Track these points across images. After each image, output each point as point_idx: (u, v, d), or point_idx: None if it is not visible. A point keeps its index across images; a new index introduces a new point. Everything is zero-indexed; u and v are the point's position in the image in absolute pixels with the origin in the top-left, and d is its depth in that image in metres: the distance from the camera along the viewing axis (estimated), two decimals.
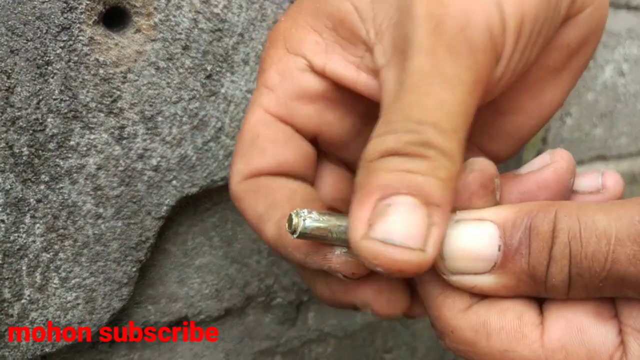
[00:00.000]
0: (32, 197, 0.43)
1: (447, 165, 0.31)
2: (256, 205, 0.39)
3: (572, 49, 0.39)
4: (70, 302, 0.46)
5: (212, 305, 0.54)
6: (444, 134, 0.31)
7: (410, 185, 0.30)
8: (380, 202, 0.30)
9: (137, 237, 0.47)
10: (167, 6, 0.44)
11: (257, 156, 0.40)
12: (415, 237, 0.30)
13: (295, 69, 0.40)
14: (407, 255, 0.30)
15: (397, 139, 0.31)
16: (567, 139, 0.96)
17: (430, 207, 0.30)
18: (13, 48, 0.40)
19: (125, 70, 0.44)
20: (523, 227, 0.32)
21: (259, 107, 0.40)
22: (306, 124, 0.41)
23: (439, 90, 0.32)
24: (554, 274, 0.31)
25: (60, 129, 0.43)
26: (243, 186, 0.40)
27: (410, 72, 0.32)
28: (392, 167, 0.31)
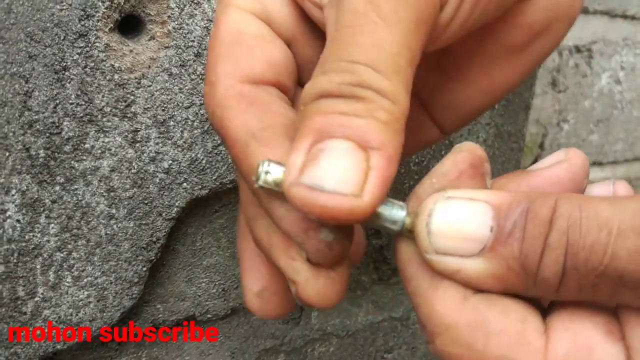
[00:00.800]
0: (48, 197, 0.44)
1: (386, 107, 0.29)
2: (249, 120, 0.33)
3: (533, 31, 0.37)
4: (82, 301, 0.48)
5: (219, 304, 0.56)
6: (382, 74, 0.29)
7: (345, 128, 0.28)
8: (313, 146, 0.28)
9: (148, 237, 0.49)
10: (180, 15, 0.45)
11: (247, 54, 0.35)
12: (348, 182, 0.27)
13: None
14: (339, 201, 0.27)
15: (329, 79, 0.29)
16: (564, 145, 0.97)
17: (368, 150, 0.28)
18: (32, 54, 0.41)
19: (139, 76, 0.45)
20: (520, 210, 0.29)
21: (233, 7, 0.36)
22: (282, 27, 0.37)
23: (374, 29, 0.29)
24: (547, 264, 0.28)
25: (76, 132, 0.44)
26: (235, 92, 0.34)
27: (345, 10, 0.30)
28: (326, 109, 0.29)
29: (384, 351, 0.69)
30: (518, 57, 0.38)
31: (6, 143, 0.42)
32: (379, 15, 0.29)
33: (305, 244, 0.31)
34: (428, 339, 0.31)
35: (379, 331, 0.68)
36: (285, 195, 0.28)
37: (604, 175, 1.06)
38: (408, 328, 0.70)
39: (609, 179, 0.35)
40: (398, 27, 0.30)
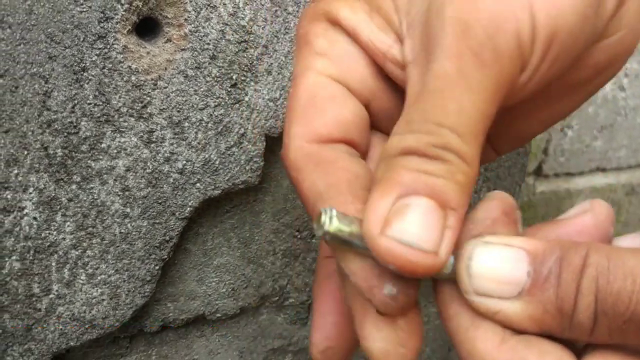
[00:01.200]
0: (64, 196, 0.45)
1: (465, 170, 0.31)
2: (316, 181, 0.35)
3: (597, 70, 0.39)
4: (95, 298, 0.48)
5: (229, 303, 0.56)
6: (463, 138, 0.31)
7: (429, 187, 0.30)
8: (398, 200, 0.30)
9: (161, 236, 0.49)
10: (197, 18, 0.46)
11: (317, 116, 0.37)
12: (430, 240, 0.30)
13: (342, 35, 0.38)
14: (421, 258, 0.30)
15: (417, 139, 0.31)
16: (567, 150, 0.98)
17: (447, 210, 0.30)
18: (52, 54, 0.42)
19: (155, 78, 0.46)
20: (554, 257, 0.31)
21: (312, 71, 0.38)
22: (361, 87, 0.39)
23: (461, 96, 0.32)
24: (581, 308, 0.30)
25: (93, 132, 0.45)
26: (304, 152, 0.36)
27: (435, 74, 0.32)
28: (412, 166, 0.31)
29: None
30: (580, 90, 0.40)
31: (25, 142, 0.43)
32: (466, 82, 0.31)
33: (373, 300, 0.33)
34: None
35: None
36: (369, 243, 0.30)
37: (607, 181, 1.06)
38: None
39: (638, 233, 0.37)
40: (482, 96, 0.32)
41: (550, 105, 0.41)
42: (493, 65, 0.32)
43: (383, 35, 0.37)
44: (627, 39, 0.38)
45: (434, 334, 0.72)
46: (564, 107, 0.41)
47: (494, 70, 0.32)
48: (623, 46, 0.38)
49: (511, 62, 0.32)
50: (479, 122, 0.32)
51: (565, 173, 1.00)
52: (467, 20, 0.32)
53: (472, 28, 0.32)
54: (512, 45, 0.32)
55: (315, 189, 0.35)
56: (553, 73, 0.35)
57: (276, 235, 0.57)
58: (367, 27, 0.38)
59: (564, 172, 0.99)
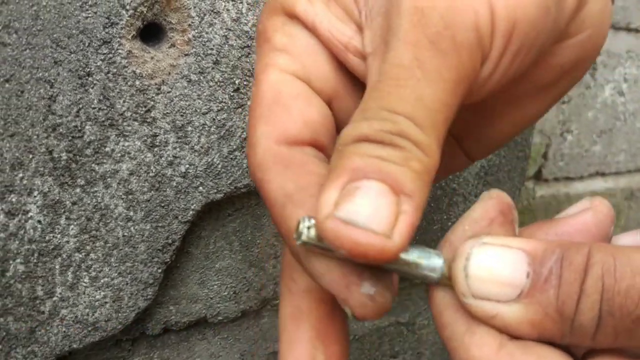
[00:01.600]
0: (68, 199, 0.45)
1: (421, 158, 0.30)
2: (284, 182, 0.34)
3: (564, 70, 0.39)
4: (98, 301, 0.49)
5: (230, 307, 0.57)
6: (420, 127, 0.30)
7: (381, 171, 0.29)
8: (348, 184, 0.29)
9: (164, 239, 0.50)
10: (200, 23, 0.47)
11: (284, 115, 0.36)
12: (381, 221, 0.28)
13: (301, 29, 0.38)
14: (371, 239, 0.28)
15: (370, 126, 0.30)
16: (567, 155, 0.98)
17: (400, 195, 0.29)
18: (57, 59, 0.43)
19: (159, 83, 0.46)
20: (555, 257, 0.30)
21: (273, 67, 0.37)
22: (322, 85, 0.38)
23: (417, 84, 0.31)
24: (584, 310, 0.29)
25: (97, 136, 0.45)
26: (271, 153, 0.35)
27: (390, 62, 0.32)
28: (364, 152, 0.30)
29: (390, 356, 0.70)
30: (547, 92, 0.40)
31: (30, 145, 0.43)
32: (423, 71, 0.31)
33: (349, 300, 0.31)
34: None
35: (385, 336, 0.69)
36: (318, 228, 0.29)
37: (607, 186, 1.07)
38: (414, 333, 0.71)
39: (637, 231, 0.36)
40: (440, 85, 0.31)
41: (518, 107, 0.40)
42: (452, 55, 0.31)
43: (343, 26, 0.37)
44: (591, 39, 0.38)
45: (434, 337, 0.73)
46: (532, 110, 0.41)
47: (453, 61, 0.31)
48: (587, 47, 0.38)
49: (471, 53, 0.32)
50: (437, 112, 0.31)
51: (565, 177, 1.00)
52: (423, 9, 0.31)
53: (428, 17, 0.31)
54: (471, 36, 0.32)
55: (284, 191, 0.34)
56: (516, 67, 0.35)
57: (278, 239, 0.57)
58: (326, 18, 0.37)
59: (563, 177, 1.00)
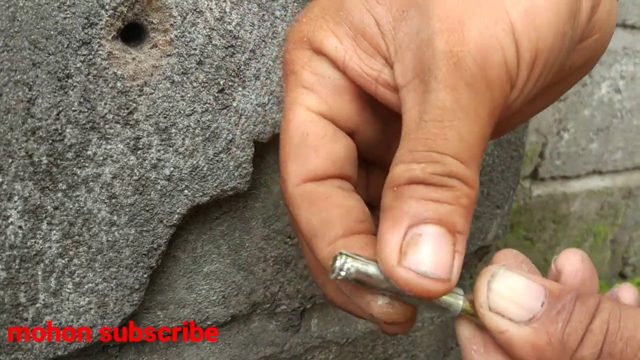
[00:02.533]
0: (50, 204, 0.44)
1: (468, 193, 0.34)
2: (310, 218, 0.39)
3: (572, 70, 0.41)
4: (83, 307, 0.48)
5: (219, 311, 0.56)
6: (465, 164, 0.34)
7: (438, 214, 0.33)
8: (410, 229, 0.33)
9: (149, 244, 0.49)
10: (182, 23, 0.46)
11: (312, 155, 0.40)
12: (444, 268, 0.33)
13: (327, 67, 0.40)
14: (436, 286, 0.33)
15: (422, 169, 0.34)
16: (563, 154, 0.98)
17: (455, 235, 0.33)
18: (35, 61, 0.42)
19: (141, 84, 0.45)
20: (570, 297, 0.33)
21: (300, 106, 0.40)
22: (346, 120, 0.41)
23: (459, 125, 0.34)
24: (587, 345, 0.32)
25: (78, 139, 0.44)
26: (300, 191, 0.40)
27: (433, 105, 0.34)
28: (420, 195, 0.34)
29: (384, 359, 0.69)
30: (555, 89, 0.43)
31: (9, 150, 0.42)
32: (462, 112, 0.34)
33: (374, 314, 0.36)
34: None
35: (379, 339, 0.68)
36: (387, 274, 0.33)
37: (603, 184, 1.06)
38: (407, 335, 0.70)
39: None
40: (478, 122, 0.35)
41: (527, 104, 0.42)
42: (486, 93, 0.34)
43: (372, 61, 0.39)
44: (600, 40, 0.41)
45: (429, 339, 0.72)
46: (539, 104, 0.44)
47: (487, 97, 0.34)
48: (597, 47, 0.41)
49: (502, 87, 0.35)
50: (477, 146, 0.35)
51: (562, 176, 0.99)
52: (458, 52, 0.34)
53: (463, 60, 0.34)
54: (502, 72, 0.35)
55: (310, 225, 0.38)
56: (539, 87, 0.38)
57: (267, 242, 0.57)
58: (355, 54, 0.39)
59: (560, 176, 0.99)
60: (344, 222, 0.38)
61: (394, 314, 0.36)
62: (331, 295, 0.41)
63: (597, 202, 1.06)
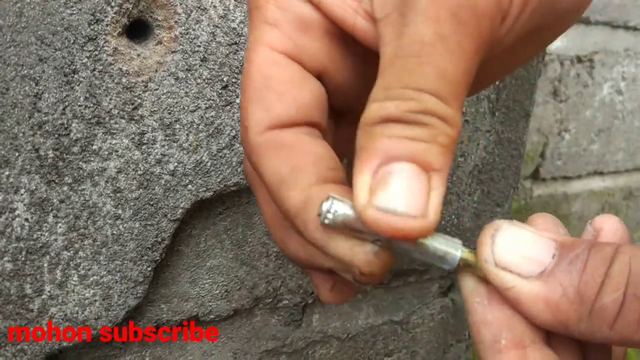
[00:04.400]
0: (56, 197, 0.45)
1: (447, 131, 0.31)
2: (278, 166, 0.35)
3: (558, 16, 0.38)
4: (88, 299, 0.49)
5: (222, 305, 0.57)
6: (445, 101, 0.31)
7: (411, 152, 0.30)
8: (381, 167, 0.30)
9: (153, 238, 0.50)
10: (187, 20, 0.46)
11: (276, 101, 0.36)
12: (417, 205, 0.30)
13: (296, 1, 0.37)
14: (410, 223, 0.30)
15: (397, 106, 0.31)
16: (564, 154, 0.98)
17: (430, 172, 0.31)
18: (42, 57, 0.42)
19: (146, 80, 0.46)
20: (584, 246, 0.30)
21: (263, 45, 0.37)
22: (314, 61, 0.38)
23: (440, 59, 0.31)
24: (607, 291, 0.29)
25: (84, 134, 0.45)
26: (263, 139, 0.36)
27: (411, 38, 0.31)
28: (393, 133, 0.31)
29: (384, 354, 0.70)
30: (539, 38, 0.40)
31: (16, 143, 0.43)
32: (444, 46, 0.31)
33: (353, 260, 0.33)
34: None
35: (379, 334, 0.69)
36: (358, 216, 0.31)
37: (604, 185, 1.06)
38: (408, 332, 0.71)
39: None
40: (461, 57, 0.31)
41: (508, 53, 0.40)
42: (472, 25, 0.31)
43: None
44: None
45: (429, 336, 0.72)
46: (522, 54, 0.41)
47: (474, 30, 0.31)
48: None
49: (491, 19, 0.32)
50: (459, 83, 0.32)
51: (563, 177, 1.00)
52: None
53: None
54: (491, 3, 0.32)
55: (278, 173, 0.35)
56: (533, 23, 0.35)
57: (269, 237, 0.57)
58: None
59: (561, 176, 1.00)
60: (316, 168, 0.35)
61: (376, 263, 0.33)
62: (293, 251, 0.38)
63: (598, 202, 1.07)
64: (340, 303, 0.39)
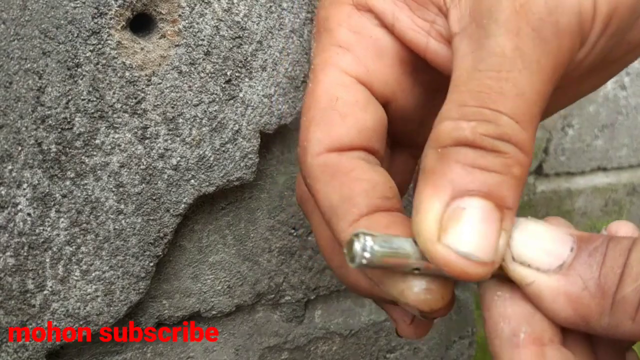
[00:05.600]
0: (58, 192, 0.45)
1: (522, 161, 0.30)
2: (330, 193, 0.34)
3: (630, 47, 0.37)
4: (90, 294, 0.48)
5: (224, 301, 0.56)
6: (521, 125, 0.30)
7: (486, 186, 0.29)
8: (453, 201, 0.29)
9: (155, 233, 0.49)
10: (191, 14, 0.46)
11: (338, 122, 0.35)
12: (487, 250, 0.29)
13: (370, 25, 0.36)
14: (479, 269, 0.29)
15: (472, 129, 0.29)
16: (568, 150, 0.98)
17: (503, 210, 0.29)
18: (45, 50, 0.42)
19: (149, 74, 0.46)
20: (601, 240, 0.30)
21: (334, 68, 0.36)
22: (383, 87, 0.37)
23: (518, 77, 0.30)
24: (627, 282, 0.28)
25: (87, 128, 0.45)
26: (320, 162, 0.35)
27: (490, 51, 0.30)
28: (467, 160, 0.29)
29: (387, 351, 0.69)
30: (611, 67, 0.39)
31: (19, 137, 0.43)
32: (523, 62, 0.30)
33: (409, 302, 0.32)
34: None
35: (382, 331, 0.69)
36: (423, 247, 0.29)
37: (608, 180, 1.06)
38: None
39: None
40: (539, 76, 0.30)
41: (581, 82, 0.39)
42: (552, 42, 0.30)
43: (424, 11, 0.35)
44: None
45: (431, 332, 0.72)
46: (591, 84, 0.40)
47: (554, 48, 0.30)
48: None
49: (572, 39, 0.31)
50: (535, 105, 0.30)
51: (566, 172, 1.00)
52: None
53: (532, 2, 0.30)
54: (574, 21, 0.30)
55: (330, 202, 0.34)
56: (609, 49, 0.34)
57: (272, 233, 0.57)
58: (405, 5, 0.35)
59: (564, 172, 0.99)
60: (368, 198, 0.33)
61: (432, 300, 0.31)
62: (352, 281, 0.37)
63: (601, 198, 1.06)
64: (419, 337, 0.38)
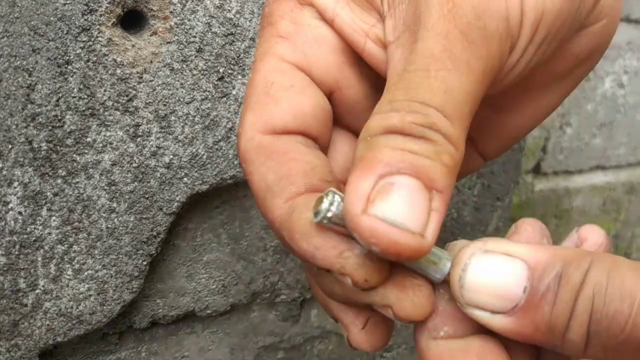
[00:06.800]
0: (49, 190, 0.45)
1: (451, 152, 0.30)
2: (266, 173, 0.34)
3: (579, 59, 0.39)
4: (82, 294, 0.48)
5: (219, 300, 0.56)
6: (450, 119, 0.30)
7: (414, 167, 0.29)
8: (381, 179, 0.28)
9: (148, 231, 0.49)
10: (182, 10, 0.46)
11: (272, 105, 0.35)
12: (417, 220, 0.28)
13: (310, 17, 0.36)
14: (407, 238, 0.28)
15: (401, 118, 0.30)
16: (566, 148, 0.97)
17: (432, 192, 0.29)
18: (35, 47, 0.42)
19: (141, 71, 0.46)
20: (554, 273, 0.30)
21: (272, 55, 0.36)
22: (324, 75, 0.37)
23: (447, 75, 0.30)
24: (573, 328, 0.29)
25: (78, 126, 0.44)
26: (254, 144, 0.35)
27: (419, 53, 0.31)
28: (396, 145, 0.29)
29: (383, 350, 0.69)
30: (562, 82, 0.40)
31: (9, 136, 0.42)
32: (453, 62, 0.30)
33: (346, 267, 0.31)
34: None
35: None
36: (350, 223, 0.28)
37: (606, 179, 1.06)
38: (407, 327, 0.70)
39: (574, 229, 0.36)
40: (470, 77, 0.31)
41: (533, 99, 0.40)
42: (481, 46, 0.31)
43: (365, 15, 0.36)
44: (606, 28, 0.38)
45: None
46: (546, 101, 0.40)
47: (482, 51, 0.31)
48: (603, 35, 0.38)
49: (500, 43, 0.32)
50: (466, 104, 0.31)
51: (564, 171, 0.99)
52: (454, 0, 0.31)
53: (459, 7, 0.31)
54: (502, 25, 0.31)
55: (265, 182, 0.33)
56: (539, 56, 0.35)
57: (267, 232, 0.57)
58: (347, 5, 0.36)
59: (562, 170, 0.99)
60: (307, 178, 0.33)
61: (370, 267, 0.30)
62: (329, 288, 0.35)
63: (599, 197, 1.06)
64: (374, 348, 0.36)
